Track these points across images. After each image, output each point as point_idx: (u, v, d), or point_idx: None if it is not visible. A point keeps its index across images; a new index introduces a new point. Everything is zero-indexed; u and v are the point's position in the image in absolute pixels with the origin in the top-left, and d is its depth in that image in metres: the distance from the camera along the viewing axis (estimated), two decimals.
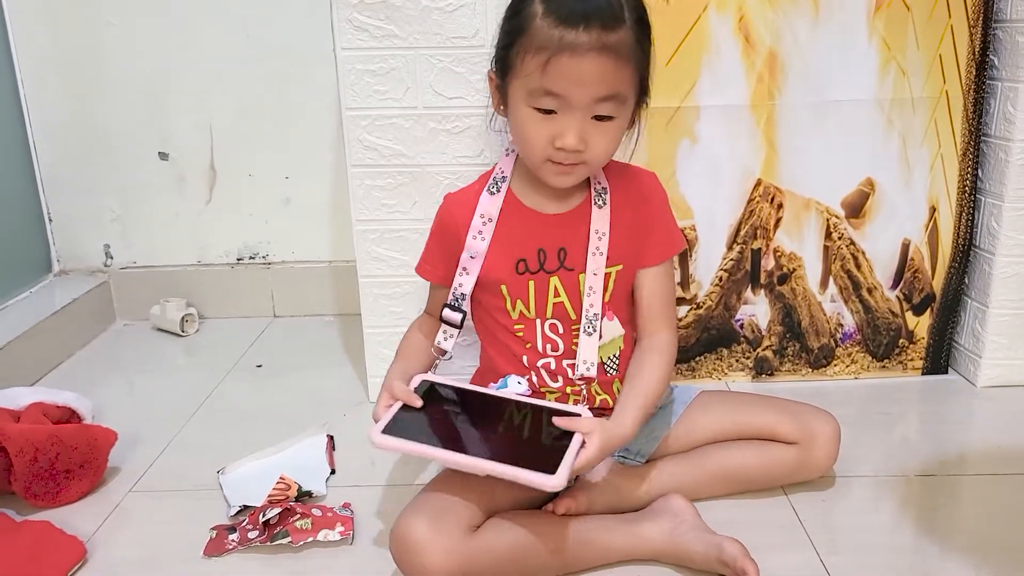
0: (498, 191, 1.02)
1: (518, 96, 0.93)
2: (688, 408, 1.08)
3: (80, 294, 1.64)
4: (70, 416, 1.17)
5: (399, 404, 0.92)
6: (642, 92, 0.96)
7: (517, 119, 0.94)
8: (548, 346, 1.03)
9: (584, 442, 0.87)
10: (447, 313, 1.02)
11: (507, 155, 1.05)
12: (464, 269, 1.01)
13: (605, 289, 1.01)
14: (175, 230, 1.73)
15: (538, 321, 1.02)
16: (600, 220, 1.00)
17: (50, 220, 1.72)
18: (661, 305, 1.04)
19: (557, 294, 1.01)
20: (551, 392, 1.03)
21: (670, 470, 1.04)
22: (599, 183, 1.02)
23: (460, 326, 1.03)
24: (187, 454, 1.21)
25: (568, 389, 1.03)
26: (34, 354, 1.48)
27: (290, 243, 1.75)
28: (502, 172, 1.03)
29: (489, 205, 1.01)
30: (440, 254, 1.06)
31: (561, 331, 1.02)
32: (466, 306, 1.03)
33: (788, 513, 1.03)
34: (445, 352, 1.04)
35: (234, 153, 1.69)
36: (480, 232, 1.01)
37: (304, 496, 1.06)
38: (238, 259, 1.75)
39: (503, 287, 1.01)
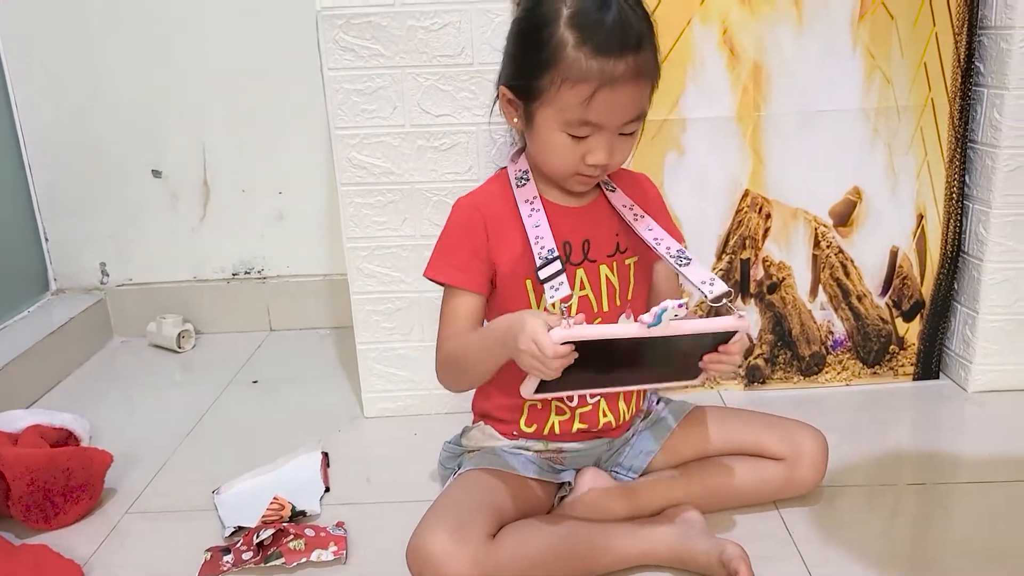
0: (527, 183, 0.99)
1: (549, 122, 0.92)
2: (680, 423, 1.08)
3: (77, 312, 1.65)
4: (67, 437, 1.19)
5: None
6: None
7: (546, 142, 0.94)
8: None
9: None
10: (546, 270, 0.92)
11: (515, 159, 1.02)
12: (539, 238, 0.95)
13: (628, 282, 1.01)
14: (170, 247, 1.74)
15: (564, 322, 0.91)
16: (620, 199, 1.02)
17: (46, 240, 1.73)
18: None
19: (583, 286, 1.00)
20: (583, 407, 1.01)
21: (661, 486, 1.04)
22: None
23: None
24: (183, 474, 1.22)
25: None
26: (33, 373, 1.49)
27: (285, 257, 1.75)
28: (521, 169, 1.00)
29: (526, 192, 0.99)
30: (469, 253, 0.99)
31: None
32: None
33: (776, 524, 1.03)
34: (567, 298, 0.91)
35: (227, 169, 1.70)
36: (533, 209, 0.97)
37: (298, 516, 1.07)
38: (233, 274, 1.76)
39: (528, 282, 0.98)
